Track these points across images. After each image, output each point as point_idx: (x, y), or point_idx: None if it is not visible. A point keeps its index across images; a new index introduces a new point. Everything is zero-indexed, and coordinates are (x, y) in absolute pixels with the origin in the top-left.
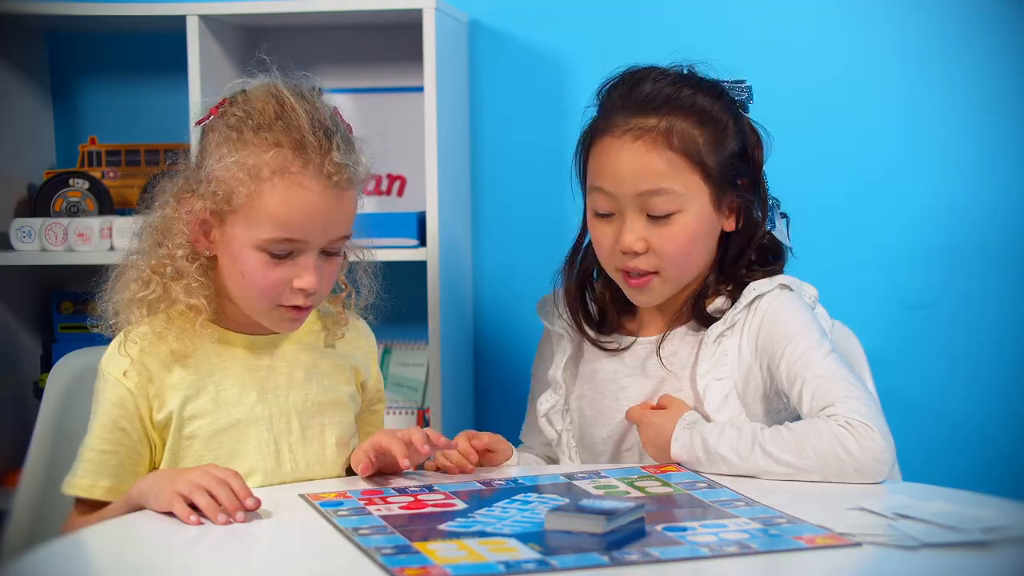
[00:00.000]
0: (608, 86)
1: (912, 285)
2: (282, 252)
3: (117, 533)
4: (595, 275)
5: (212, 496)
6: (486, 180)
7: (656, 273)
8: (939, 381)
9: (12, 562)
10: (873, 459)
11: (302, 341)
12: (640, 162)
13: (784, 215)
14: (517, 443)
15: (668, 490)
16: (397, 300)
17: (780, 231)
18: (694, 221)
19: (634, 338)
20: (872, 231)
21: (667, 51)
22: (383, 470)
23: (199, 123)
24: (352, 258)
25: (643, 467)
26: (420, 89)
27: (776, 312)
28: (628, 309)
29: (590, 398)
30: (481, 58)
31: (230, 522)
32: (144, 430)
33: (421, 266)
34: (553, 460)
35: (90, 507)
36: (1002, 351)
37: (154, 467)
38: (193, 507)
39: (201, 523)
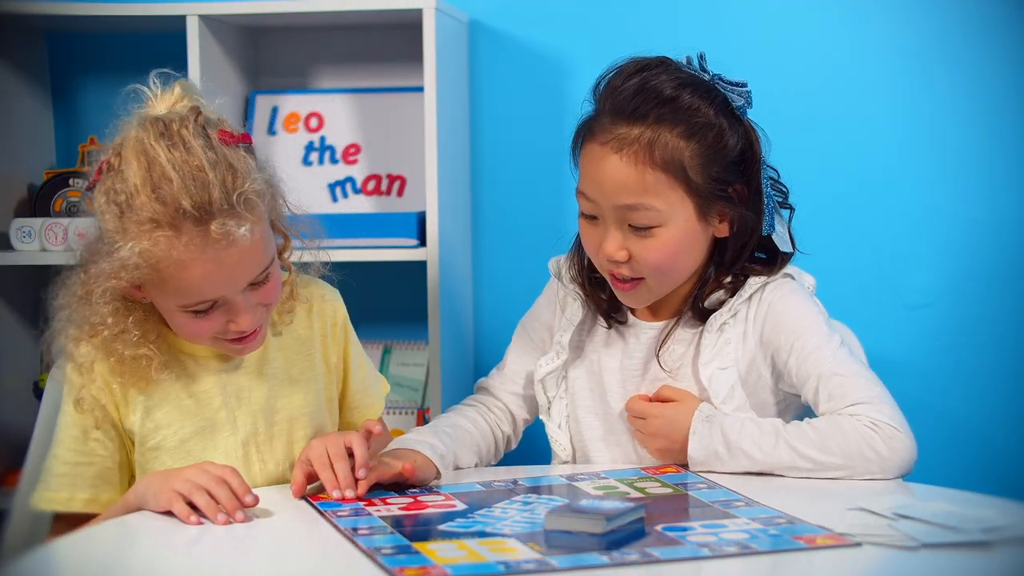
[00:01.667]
0: (605, 80)
1: (912, 285)
2: (205, 308)
3: (117, 533)
4: None
5: (211, 495)
6: (486, 180)
7: (642, 279)
8: (939, 381)
9: (12, 562)
10: (900, 459)
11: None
12: (620, 176)
13: (790, 207)
14: (469, 391)
15: (668, 491)
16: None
17: (779, 235)
18: (677, 234)
19: (636, 319)
20: (872, 231)
21: (667, 51)
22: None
23: (87, 189)
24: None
25: (643, 468)
26: (420, 89)
27: (782, 303)
28: None
29: (590, 374)
30: (481, 58)
31: (230, 522)
32: (120, 435)
33: (421, 266)
34: (510, 424)
35: (69, 523)
36: (1002, 351)
37: (132, 472)
38: (192, 506)
39: (201, 523)
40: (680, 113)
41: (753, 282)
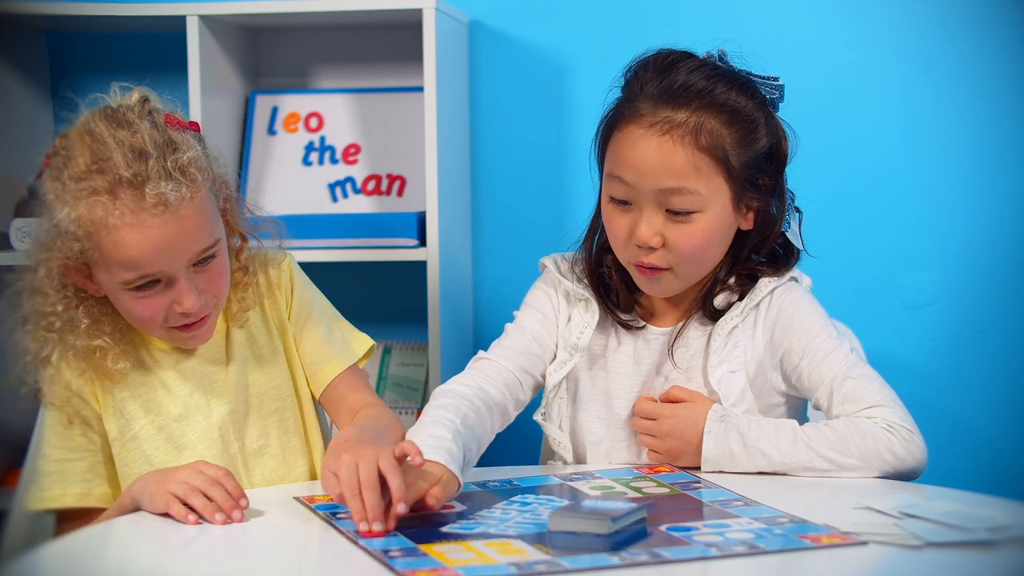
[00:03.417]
0: (637, 67)
1: (912, 285)
2: (148, 285)
3: (115, 533)
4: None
5: (207, 497)
6: (486, 180)
7: (669, 269)
8: (939, 381)
9: (12, 562)
10: (915, 461)
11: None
12: (665, 159)
13: (798, 210)
14: (462, 363)
15: (664, 490)
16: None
17: (794, 232)
18: (713, 221)
19: (645, 324)
20: (872, 231)
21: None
22: None
23: (37, 177)
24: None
25: (636, 467)
26: (420, 89)
27: (792, 307)
28: (640, 294)
29: (596, 379)
30: (481, 58)
31: (228, 522)
32: (101, 428)
33: (421, 266)
34: (515, 404)
35: (74, 522)
36: (1002, 351)
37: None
38: (188, 506)
39: (199, 523)
40: (721, 101)
41: (763, 285)
